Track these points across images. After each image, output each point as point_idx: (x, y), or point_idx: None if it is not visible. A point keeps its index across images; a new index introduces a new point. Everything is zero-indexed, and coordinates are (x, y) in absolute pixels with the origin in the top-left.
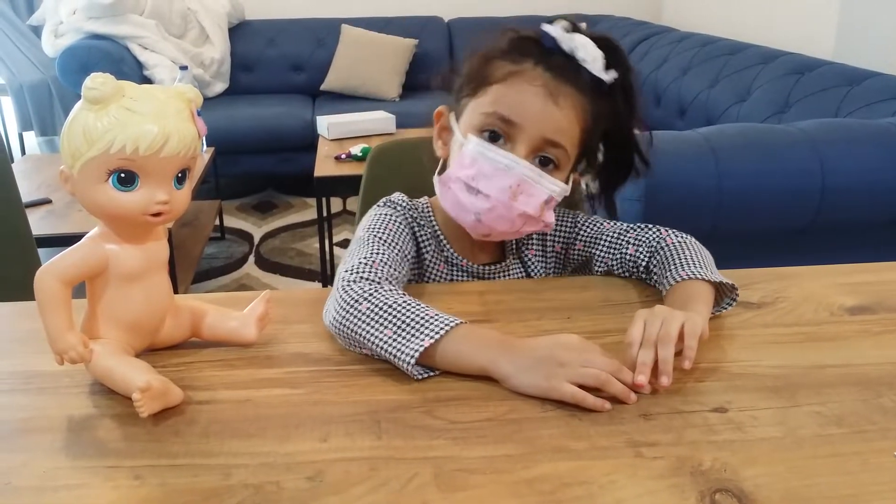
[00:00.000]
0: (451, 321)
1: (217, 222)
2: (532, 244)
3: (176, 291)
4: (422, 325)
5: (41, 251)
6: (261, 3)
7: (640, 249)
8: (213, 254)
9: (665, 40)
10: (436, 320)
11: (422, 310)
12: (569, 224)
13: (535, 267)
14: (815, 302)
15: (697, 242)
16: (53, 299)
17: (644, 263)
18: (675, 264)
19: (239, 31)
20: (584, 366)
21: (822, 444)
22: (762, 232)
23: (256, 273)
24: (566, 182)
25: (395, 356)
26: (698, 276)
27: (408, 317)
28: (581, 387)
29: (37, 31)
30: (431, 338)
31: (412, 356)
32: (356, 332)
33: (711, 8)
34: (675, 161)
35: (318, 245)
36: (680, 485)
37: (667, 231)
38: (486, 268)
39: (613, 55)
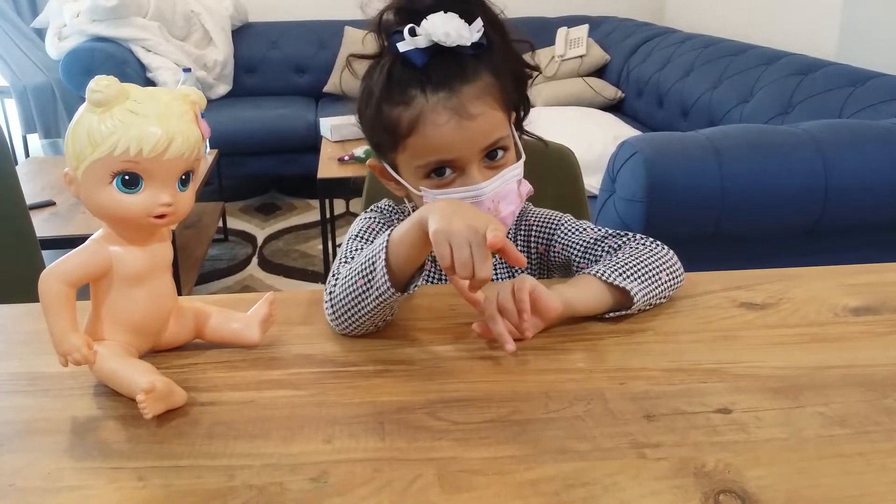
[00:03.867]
0: (385, 236)
1: (220, 224)
2: (518, 243)
3: (179, 293)
4: (374, 255)
5: (45, 253)
6: (264, 5)
7: None
8: (216, 255)
9: (668, 41)
10: (378, 244)
11: (369, 249)
12: (552, 226)
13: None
14: (819, 303)
15: (656, 252)
16: (57, 301)
17: None
18: (602, 262)
19: (242, 33)
20: (470, 241)
21: (826, 444)
22: (766, 233)
23: (260, 275)
24: (517, 151)
25: (379, 296)
26: (598, 274)
27: (364, 260)
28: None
29: (40, 33)
30: (381, 257)
31: (386, 283)
32: (345, 310)
33: (714, 9)
34: (678, 162)
35: (321, 247)
36: (683, 486)
37: (638, 238)
38: None
39: (466, 4)
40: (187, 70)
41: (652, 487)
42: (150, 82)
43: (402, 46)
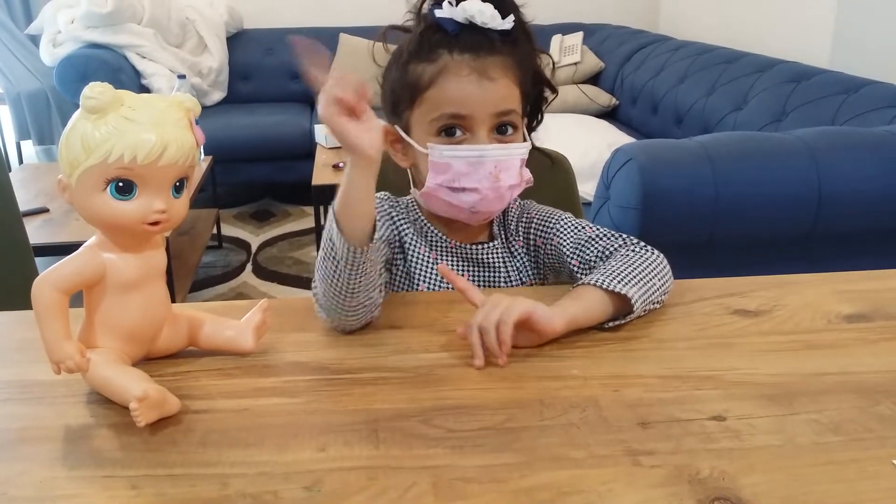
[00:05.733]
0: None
1: (215, 231)
2: (519, 236)
3: (173, 300)
4: (328, 232)
5: (39, 260)
6: (259, 12)
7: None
8: (210, 262)
9: (662, 49)
10: (328, 222)
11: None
12: (552, 221)
13: (521, 259)
14: (813, 310)
15: (648, 258)
16: (51, 308)
17: None
18: (597, 271)
19: (237, 39)
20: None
21: (819, 451)
22: (759, 240)
23: (254, 282)
24: (524, 138)
25: (347, 262)
26: (597, 283)
27: (323, 244)
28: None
29: (35, 40)
30: (334, 229)
31: (345, 245)
32: (327, 298)
33: (708, 17)
34: (672, 169)
35: (315, 253)
36: (678, 493)
37: (629, 244)
38: (473, 247)
39: (501, 2)
40: (182, 77)
41: (647, 495)
42: (144, 89)
43: (439, 13)
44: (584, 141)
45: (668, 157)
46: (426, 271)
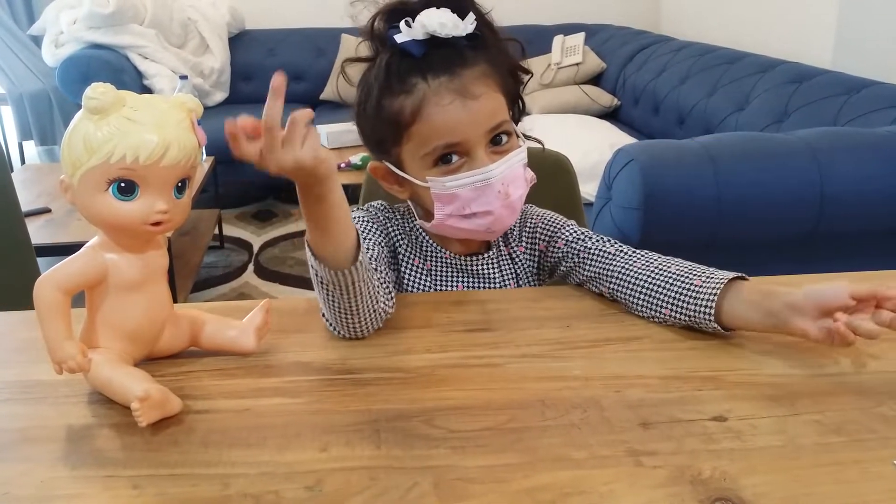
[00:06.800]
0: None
1: (216, 231)
2: (523, 241)
3: (175, 300)
4: (308, 263)
5: (40, 260)
6: (261, 12)
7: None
8: (212, 263)
9: (664, 49)
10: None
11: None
12: (556, 227)
13: (523, 264)
14: None
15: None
16: (52, 308)
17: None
18: (699, 274)
19: (239, 40)
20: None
21: (821, 452)
22: (761, 241)
23: (255, 282)
24: (517, 136)
25: (337, 279)
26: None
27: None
28: None
29: (37, 40)
30: (312, 261)
31: (332, 271)
32: (328, 313)
33: (710, 17)
34: (674, 170)
35: None
36: (680, 494)
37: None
38: (469, 258)
39: (457, 1)
40: (184, 77)
41: (648, 495)
42: (146, 89)
43: (400, 38)
44: (585, 141)
45: (669, 157)
46: (418, 282)
